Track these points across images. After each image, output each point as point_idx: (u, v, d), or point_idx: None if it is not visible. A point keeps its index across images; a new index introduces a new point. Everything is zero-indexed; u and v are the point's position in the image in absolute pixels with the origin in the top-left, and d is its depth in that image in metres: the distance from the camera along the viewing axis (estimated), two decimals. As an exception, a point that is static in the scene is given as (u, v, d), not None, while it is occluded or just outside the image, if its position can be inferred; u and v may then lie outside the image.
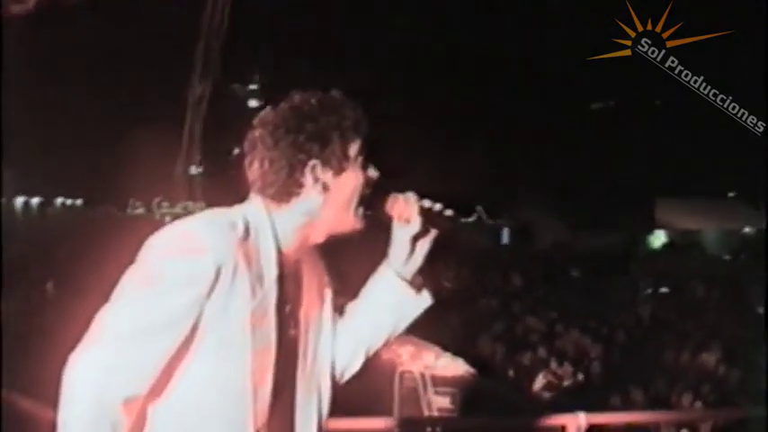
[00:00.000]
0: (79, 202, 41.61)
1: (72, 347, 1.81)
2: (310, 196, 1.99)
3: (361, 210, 2.04)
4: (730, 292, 18.41)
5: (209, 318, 1.85)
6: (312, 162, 1.96)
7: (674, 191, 31.72)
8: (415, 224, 2.11)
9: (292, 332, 2.04)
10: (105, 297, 1.87)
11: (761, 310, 14.12)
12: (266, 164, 1.97)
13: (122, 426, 1.79)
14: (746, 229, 34.68)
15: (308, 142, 1.96)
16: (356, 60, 28.36)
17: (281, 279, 1.97)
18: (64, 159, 29.43)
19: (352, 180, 2.01)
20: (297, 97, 2.01)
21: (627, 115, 33.58)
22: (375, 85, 28.18)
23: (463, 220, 2.16)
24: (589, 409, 4.53)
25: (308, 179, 1.98)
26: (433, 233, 2.14)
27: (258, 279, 1.91)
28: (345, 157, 1.99)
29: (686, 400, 9.10)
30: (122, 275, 1.87)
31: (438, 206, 2.11)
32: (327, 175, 1.98)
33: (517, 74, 30.62)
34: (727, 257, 30.27)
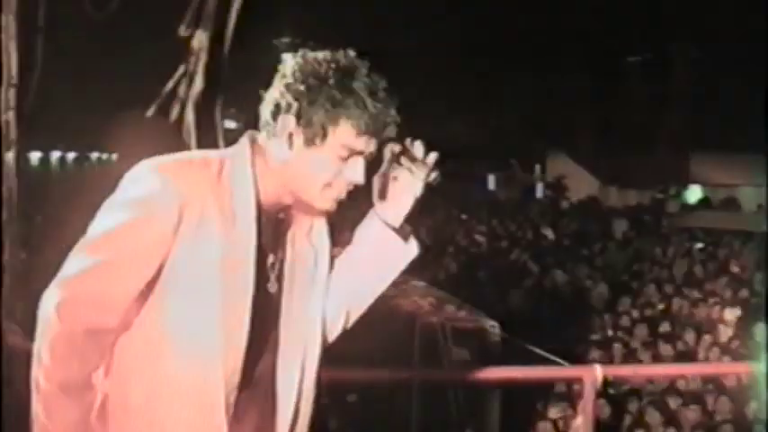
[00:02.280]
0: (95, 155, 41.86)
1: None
2: (281, 142, 1.91)
3: (334, 194, 1.93)
4: (766, 247, 18.16)
5: (177, 257, 1.84)
6: (291, 114, 1.88)
7: (711, 145, 31.23)
8: (400, 171, 2.05)
9: (273, 288, 1.98)
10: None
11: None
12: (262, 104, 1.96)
13: (91, 358, 1.83)
14: (784, 185, 34.17)
15: (296, 92, 1.88)
16: (387, 17, 28.11)
17: (260, 228, 1.90)
18: (78, 114, 29.52)
19: (317, 161, 1.89)
20: (312, 55, 1.93)
21: (663, 69, 33.05)
22: (406, 42, 27.98)
23: (443, 165, 2.03)
24: (616, 363, 4.52)
25: (279, 123, 1.90)
26: (419, 181, 2.05)
27: (231, 222, 1.86)
28: (322, 132, 1.87)
29: (714, 355, 9.01)
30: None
31: (420, 153, 2.04)
32: (298, 134, 1.89)
33: (551, 28, 30.16)
34: (762, 213, 29.85)
